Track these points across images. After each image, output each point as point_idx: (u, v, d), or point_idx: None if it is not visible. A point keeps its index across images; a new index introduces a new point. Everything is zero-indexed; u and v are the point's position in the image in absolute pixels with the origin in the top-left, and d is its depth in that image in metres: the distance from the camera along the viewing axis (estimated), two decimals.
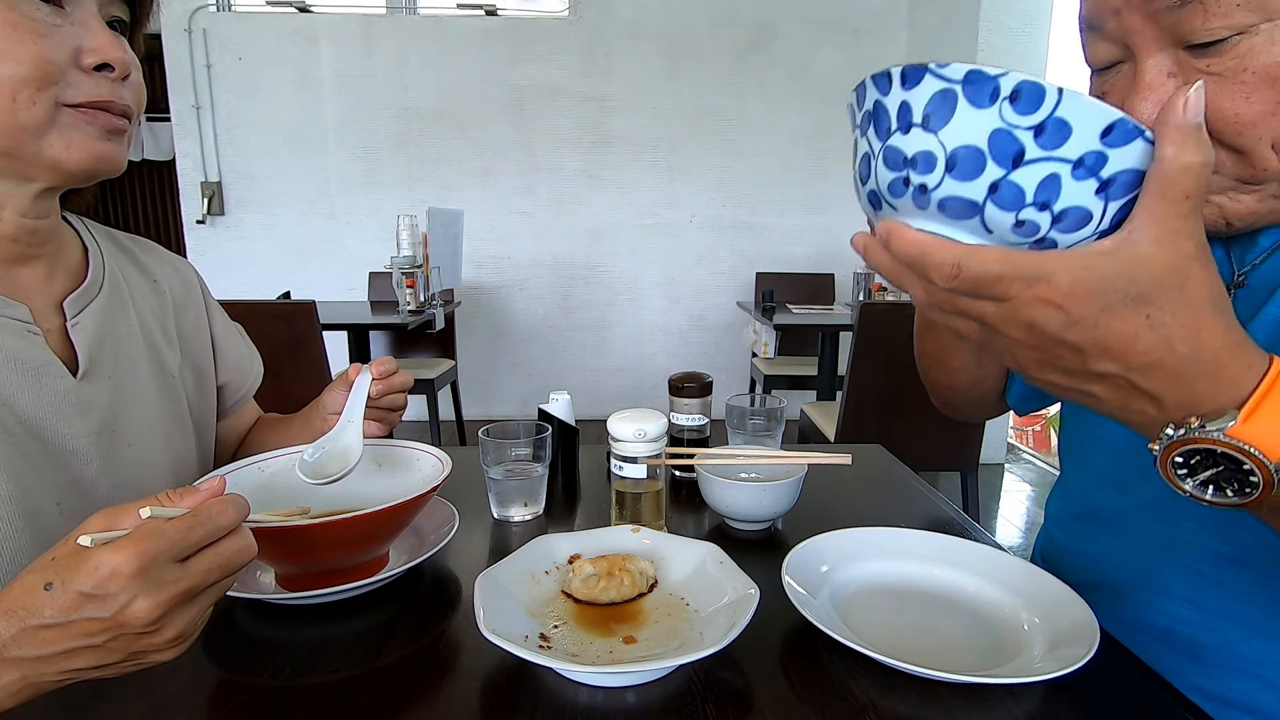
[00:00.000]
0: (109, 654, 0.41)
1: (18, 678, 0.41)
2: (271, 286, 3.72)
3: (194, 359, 0.81)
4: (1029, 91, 0.37)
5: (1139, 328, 0.37)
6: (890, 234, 0.40)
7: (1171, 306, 0.37)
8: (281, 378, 2.24)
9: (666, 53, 3.72)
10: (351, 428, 0.74)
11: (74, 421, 0.63)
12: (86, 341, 0.66)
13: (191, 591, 0.42)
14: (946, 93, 0.39)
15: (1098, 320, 0.37)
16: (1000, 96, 0.38)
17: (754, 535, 0.79)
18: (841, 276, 3.69)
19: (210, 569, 0.42)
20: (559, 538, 0.65)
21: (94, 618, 0.39)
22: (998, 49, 3.05)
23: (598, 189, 3.85)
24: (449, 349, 3.37)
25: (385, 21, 3.67)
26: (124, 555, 0.39)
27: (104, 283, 0.71)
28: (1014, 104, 0.38)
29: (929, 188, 0.41)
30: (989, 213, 0.39)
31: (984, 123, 0.38)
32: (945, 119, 0.40)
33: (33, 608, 0.40)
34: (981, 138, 0.39)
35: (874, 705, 0.49)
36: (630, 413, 0.74)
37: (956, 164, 0.39)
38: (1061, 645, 0.53)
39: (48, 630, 0.40)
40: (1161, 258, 0.37)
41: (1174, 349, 0.38)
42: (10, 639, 0.40)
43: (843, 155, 3.89)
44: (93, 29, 0.59)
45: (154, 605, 0.40)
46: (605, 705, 0.49)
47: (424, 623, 0.60)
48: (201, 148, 3.66)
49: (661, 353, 4.04)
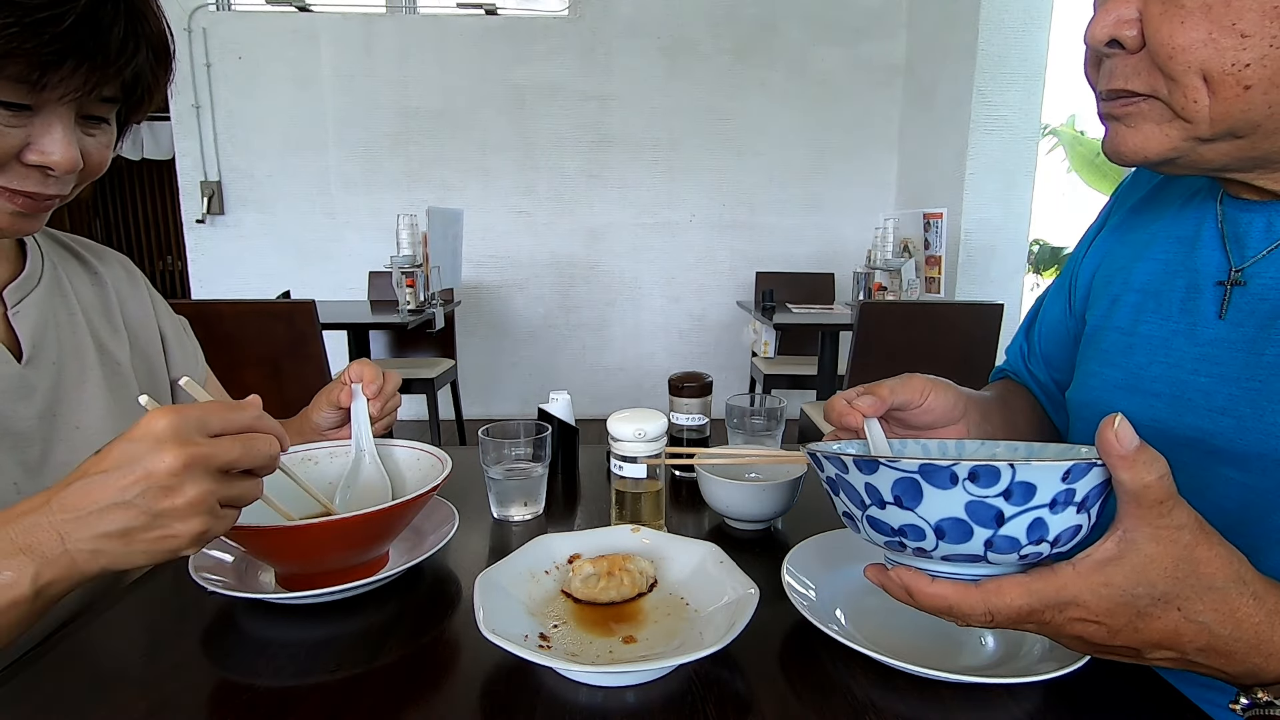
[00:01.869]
0: (136, 514, 0.45)
1: (54, 539, 0.45)
2: (271, 286, 3.72)
3: (143, 348, 0.81)
4: (985, 471, 0.41)
5: (1176, 622, 0.41)
6: (911, 590, 0.45)
7: (1197, 596, 0.41)
8: (281, 377, 2.24)
9: (666, 52, 3.72)
10: (366, 458, 0.75)
11: (17, 405, 0.65)
12: (29, 328, 0.68)
13: (211, 459, 0.47)
14: (908, 480, 0.43)
15: (1136, 627, 0.41)
16: (960, 480, 0.41)
17: (754, 535, 0.79)
18: (841, 276, 3.69)
19: (231, 445, 0.48)
20: (559, 537, 0.65)
21: (124, 466, 0.45)
22: (998, 49, 3.05)
23: (597, 188, 3.84)
24: (449, 348, 3.37)
25: (385, 20, 3.67)
26: (161, 412, 0.46)
27: (43, 273, 0.72)
28: (975, 483, 0.41)
29: (927, 551, 0.45)
30: (992, 558, 0.43)
31: (956, 499, 0.42)
32: (917, 500, 0.43)
33: (83, 469, 0.46)
34: (959, 510, 0.42)
35: (874, 705, 0.49)
36: (630, 412, 0.74)
37: (945, 533, 0.43)
38: (1061, 645, 0.53)
39: (88, 481, 0.45)
40: (1166, 554, 0.40)
41: (1216, 634, 0.41)
42: (58, 500, 0.46)
43: (842, 155, 3.90)
44: (52, 131, 0.57)
45: (176, 457, 0.45)
46: (605, 705, 0.49)
47: (424, 623, 0.60)
48: (201, 147, 3.66)
49: (661, 352, 4.04)
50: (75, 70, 0.55)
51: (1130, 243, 0.70)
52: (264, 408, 0.95)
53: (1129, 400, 0.65)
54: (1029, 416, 0.81)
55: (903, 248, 2.96)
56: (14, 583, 0.45)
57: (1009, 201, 3.18)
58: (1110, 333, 0.68)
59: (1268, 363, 0.55)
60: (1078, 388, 0.72)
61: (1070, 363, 0.76)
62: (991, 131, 3.12)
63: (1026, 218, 3.22)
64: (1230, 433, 0.57)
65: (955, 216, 3.14)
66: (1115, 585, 0.41)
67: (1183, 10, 0.47)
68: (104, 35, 0.55)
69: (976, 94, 3.08)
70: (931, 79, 3.48)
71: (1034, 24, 3.05)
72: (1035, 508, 0.41)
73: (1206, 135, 0.50)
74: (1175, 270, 0.64)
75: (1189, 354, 0.61)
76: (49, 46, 0.52)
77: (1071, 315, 0.78)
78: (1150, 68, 0.50)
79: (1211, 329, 0.60)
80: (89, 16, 0.54)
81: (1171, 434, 0.61)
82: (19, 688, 0.50)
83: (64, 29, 0.52)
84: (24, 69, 0.52)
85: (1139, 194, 0.73)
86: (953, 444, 0.61)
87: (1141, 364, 0.64)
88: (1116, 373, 0.67)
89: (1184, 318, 0.62)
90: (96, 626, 0.59)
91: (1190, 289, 0.62)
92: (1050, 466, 0.40)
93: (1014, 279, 3.25)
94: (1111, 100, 0.53)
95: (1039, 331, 0.83)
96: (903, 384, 0.61)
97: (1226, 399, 0.57)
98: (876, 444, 0.59)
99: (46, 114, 0.56)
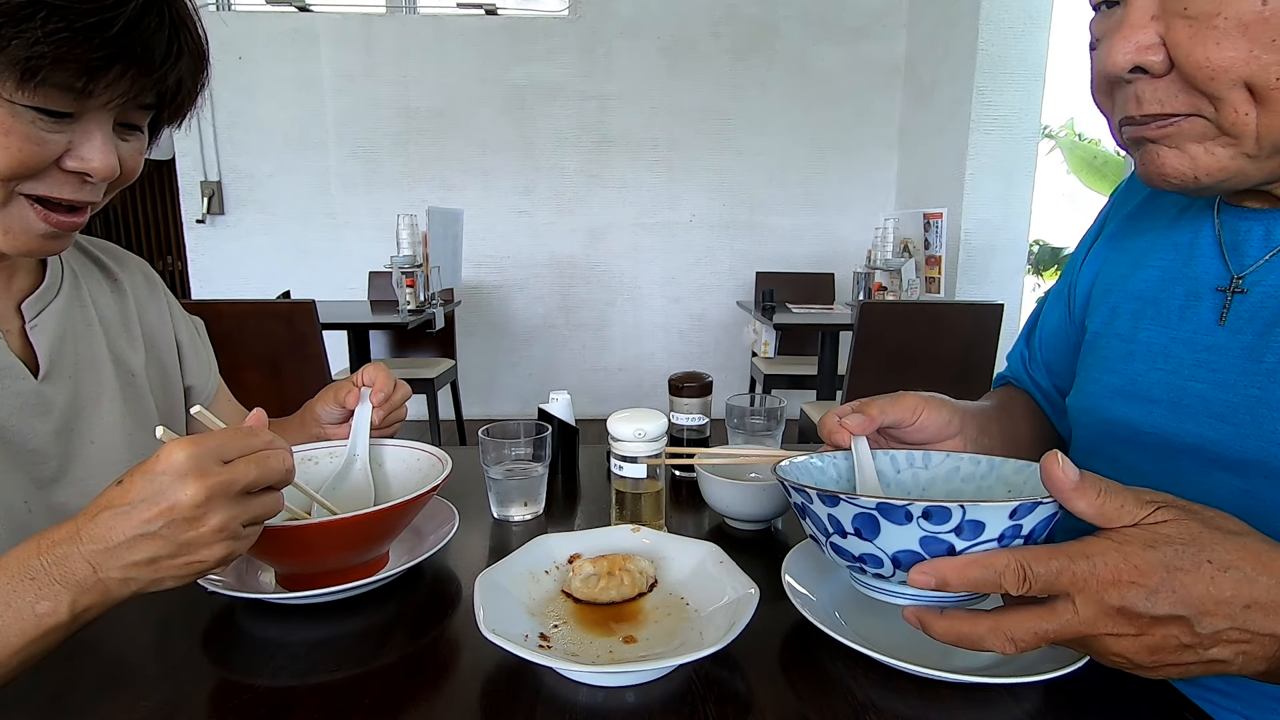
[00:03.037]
0: (163, 544, 0.47)
1: (88, 571, 0.46)
2: (271, 286, 3.72)
3: (159, 356, 0.81)
4: (937, 511, 0.44)
5: (1212, 575, 0.40)
6: (924, 625, 0.46)
7: (1222, 547, 0.41)
8: (281, 377, 2.24)
9: (666, 52, 3.72)
10: (357, 463, 0.74)
11: (34, 422, 0.64)
12: (46, 342, 0.67)
13: (231, 485, 0.48)
14: (866, 515, 0.47)
15: (1173, 583, 0.40)
16: (915, 517, 0.45)
17: (754, 535, 0.79)
18: (841, 276, 3.69)
19: (248, 468, 0.49)
20: (559, 537, 0.65)
21: (149, 500, 0.46)
22: (998, 49, 3.05)
23: (597, 188, 3.84)
24: (449, 348, 3.37)
25: (385, 20, 3.67)
26: (179, 444, 0.47)
27: (62, 283, 0.71)
28: (928, 520, 0.45)
29: (886, 577, 0.49)
30: None
31: (911, 533, 0.46)
32: (875, 533, 0.47)
33: (106, 500, 0.47)
34: (914, 543, 0.46)
35: (874, 705, 0.49)
36: (630, 412, 0.74)
37: (902, 562, 0.48)
38: (1062, 644, 0.53)
39: (113, 515, 0.46)
40: (1173, 529, 0.41)
41: (1256, 582, 0.40)
42: (86, 532, 0.46)
43: (842, 155, 3.90)
44: (93, 138, 0.57)
45: (199, 490, 0.46)
46: (605, 705, 0.49)
47: (424, 623, 0.60)
48: (201, 147, 3.66)
49: (661, 352, 4.04)
50: (121, 76, 0.55)
51: (1128, 250, 0.70)
52: (264, 408, 0.95)
53: (1128, 407, 0.65)
54: (1030, 423, 0.81)
55: (903, 248, 2.96)
56: (53, 611, 0.46)
57: (1009, 202, 3.18)
58: (1110, 340, 0.68)
59: (1267, 369, 0.55)
60: (1078, 394, 0.72)
61: (1071, 369, 0.76)
62: (991, 132, 3.12)
63: (1026, 218, 3.22)
64: (1229, 439, 0.57)
65: (955, 216, 3.14)
66: (1135, 540, 0.41)
67: (1215, 31, 0.46)
68: (149, 42, 0.56)
69: (976, 94, 3.08)
70: (931, 79, 3.48)
71: (1034, 24, 3.05)
72: (985, 541, 0.45)
73: (1252, 151, 0.49)
74: (1174, 278, 0.64)
75: (1187, 360, 0.61)
76: (98, 52, 0.52)
77: (1071, 322, 0.78)
78: (1185, 89, 0.49)
79: (1210, 335, 0.60)
80: (136, 22, 0.54)
81: (1170, 440, 0.61)
82: (20, 688, 0.50)
83: (112, 34, 0.53)
84: (71, 75, 0.53)
85: (1135, 200, 0.73)
86: (939, 456, 0.64)
87: (1140, 371, 0.64)
88: (1116, 379, 0.67)
89: (1183, 325, 0.62)
90: (97, 626, 0.59)
91: (1189, 296, 0.62)
92: (997, 507, 0.43)
93: (1014, 279, 3.25)
94: (1143, 124, 0.52)
95: (1039, 338, 0.82)
96: (894, 403, 0.63)
97: (1225, 406, 0.57)
98: (861, 462, 0.62)
99: (87, 121, 0.57)
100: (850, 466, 0.63)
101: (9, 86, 0.51)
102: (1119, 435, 0.66)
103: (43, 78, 0.51)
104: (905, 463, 0.64)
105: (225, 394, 0.91)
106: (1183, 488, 0.59)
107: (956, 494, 0.62)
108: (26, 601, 0.45)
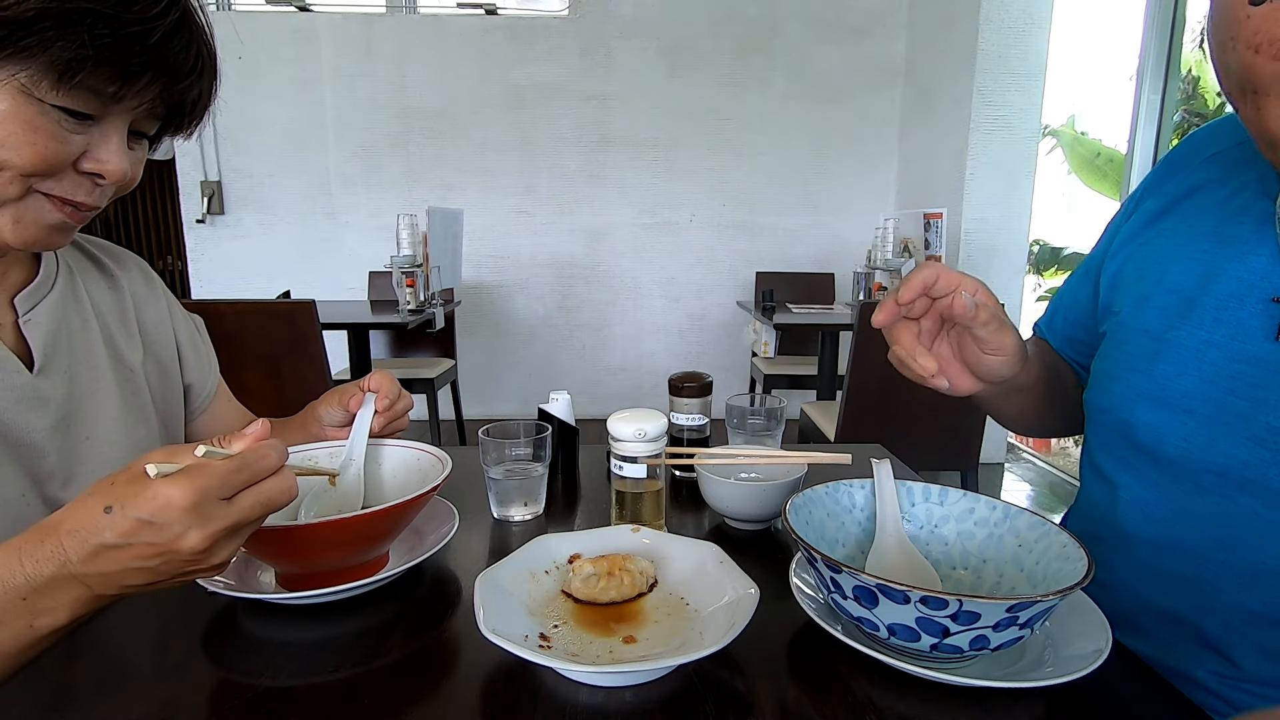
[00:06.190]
0: (160, 575, 0.47)
1: (84, 590, 0.46)
2: (271, 286, 3.73)
3: (157, 353, 0.81)
4: (934, 600, 0.46)
5: None
6: None
7: None
8: (281, 377, 2.24)
9: (666, 52, 3.71)
10: (352, 467, 0.74)
11: (30, 415, 0.64)
12: (41, 336, 0.67)
13: (237, 526, 0.47)
14: (866, 589, 0.48)
15: None
16: (913, 601, 0.46)
17: (754, 535, 0.79)
18: (841, 276, 3.69)
19: (254, 505, 0.47)
20: (559, 537, 0.65)
21: (149, 543, 0.44)
22: (998, 49, 3.05)
23: (597, 189, 3.84)
24: (449, 348, 3.37)
25: (385, 20, 3.67)
26: (179, 489, 0.44)
27: (57, 278, 0.72)
28: (925, 605, 0.46)
29: (879, 636, 0.51)
30: (936, 655, 0.49)
31: (908, 612, 0.47)
32: (873, 604, 0.49)
33: (94, 528, 0.44)
34: (910, 620, 0.48)
35: (874, 705, 0.49)
36: (630, 412, 0.74)
37: (897, 632, 0.49)
38: (1070, 649, 0.52)
39: (108, 550, 0.44)
40: None
41: None
42: (78, 557, 0.44)
43: (842, 155, 3.90)
44: (109, 142, 0.58)
45: (203, 537, 0.45)
46: (605, 705, 0.49)
47: (424, 623, 0.60)
48: (201, 147, 3.66)
49: (661, 352, 4.04)
50: (150, 85, 0.57)
51: (1171, 234, 0.64)
52: (264, 408, 0.95)
53: (1156, 413, 0.60)
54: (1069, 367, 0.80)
55: (903, 248, 2.96)
56: (53, 618, 0.47)
57: (1009, 201, 3.19)
58: (1136, 334, 0.63)
59: None
60: (1098, 391, 0.67)
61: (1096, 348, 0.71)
62: (991, 132, 3.12)
63: (1027, 218, 3.22)
64: (1264, 465, 0.53)
65: (955, 216, 3.14)
66: None
67: None
68: (180, 53, 0.58)
69: (976, 94, 3.08)
70: (931, 79, 3.48)
71: (1034, 24, 3.05)
72: (980, 628, 0.46)
73: None
74: (1215, 274, 0.58)
75: (1225, 371, 0.56)
76: (135, 59, 0.55)
77: (1098, 305, 0.73)
78: None
79: (1255, 346, 0.55)
80: (171, 35, 0.56)
81: (1198, 457, 0.57)
82: (20, 687, 0.50)
83: (152, 44, 0.55)
84: (105, 80, 0.54)
85: (1184, 183, 0.66)
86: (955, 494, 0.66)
87: (1169, 374, 0.60)
88: (1142, 380, 0.62)
89: (1218, 328, 0.57)
90: (97, 626, 0.59)
91: (1230, 297, 0.57)
92: (995, 605, 0.45)
93: (1014, 279, 3.26)
94: None
95: (1064, 318, 0.79)
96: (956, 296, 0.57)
97: (1266, 429, 0.53)
98: (883, 493, 0.65)
99: (106, 125, 0.58)
100: (869, 495, 0.66)
101: (44, 86, 0.53)
102: (1140, 442, 0.62)
103: (79, 80, 0.53)
104: (922, 496, 0.66)
105: (225, 393, 0.91)
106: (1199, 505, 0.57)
107: (967, 537, 0.64)
108: (23, 620, 0.46)
